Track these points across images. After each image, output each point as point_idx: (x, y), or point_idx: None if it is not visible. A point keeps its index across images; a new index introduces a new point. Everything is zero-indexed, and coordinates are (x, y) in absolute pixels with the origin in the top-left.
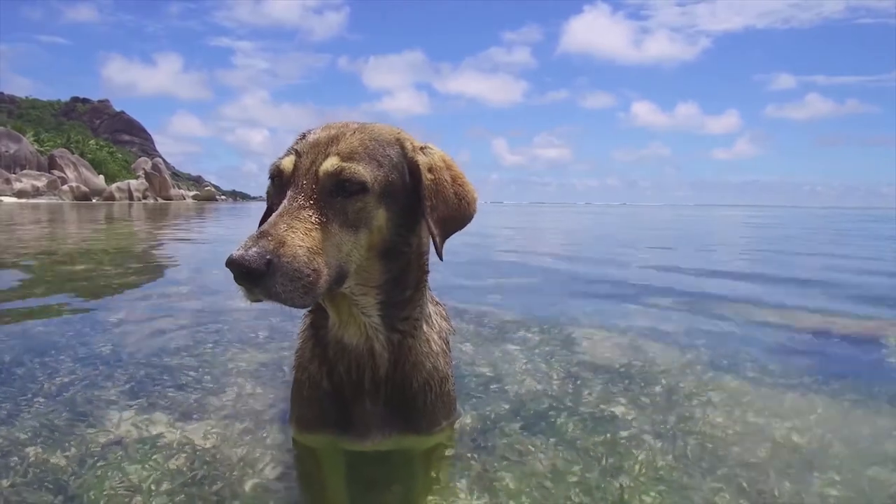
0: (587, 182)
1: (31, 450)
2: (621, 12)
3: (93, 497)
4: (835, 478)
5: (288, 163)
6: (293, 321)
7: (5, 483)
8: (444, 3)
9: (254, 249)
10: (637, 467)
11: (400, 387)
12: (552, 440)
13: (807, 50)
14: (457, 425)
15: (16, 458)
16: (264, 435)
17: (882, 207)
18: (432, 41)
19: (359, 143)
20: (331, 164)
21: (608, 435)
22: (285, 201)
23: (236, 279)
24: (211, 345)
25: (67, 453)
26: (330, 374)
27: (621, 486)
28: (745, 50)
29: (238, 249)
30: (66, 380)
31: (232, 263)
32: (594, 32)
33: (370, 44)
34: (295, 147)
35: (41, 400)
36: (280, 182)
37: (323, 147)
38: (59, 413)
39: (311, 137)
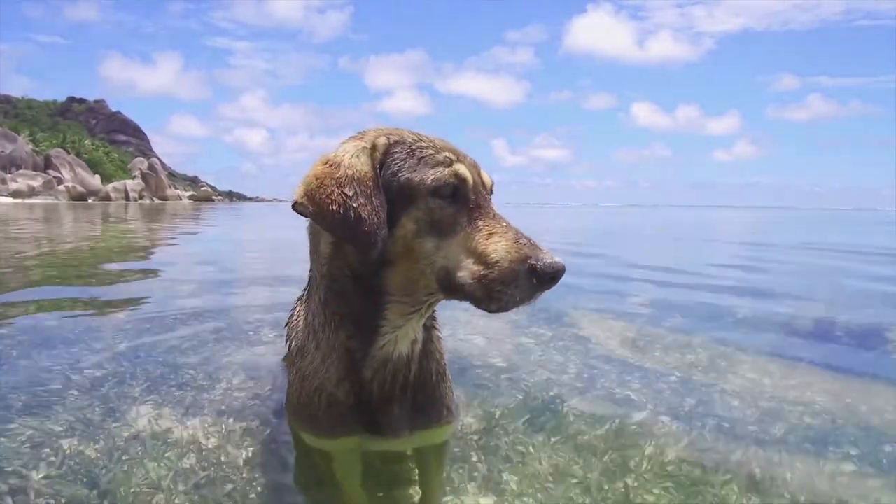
0: (586, 183)
1: (65, 442)
2: (624, 12)
3: (123, 493)
4: (851, 452)
5: (467, 173)
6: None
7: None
8: (450, 1)
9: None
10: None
11: (423, 383)
12: (561, 432)
13: (807, 52)
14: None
15: (48, 450)
16: (274, 431)
17: (878, 210)
18: (436, 40)
19: None
20: (489, 177)
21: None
22: (492, 213)
23: (554, 283)
24: (211, 343)
25: (98, 446)
26: (359, 393)
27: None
28: (746, 51)
29: (552, 259)
30: (78, 375)
31: (563, 269)
32: (597, 32)
33: (374, 43)
34: (452, 157)
35: (72, 394)
36: (462, 189)
37: (465, 155)
38: (86, 408)
39: (445, 145)
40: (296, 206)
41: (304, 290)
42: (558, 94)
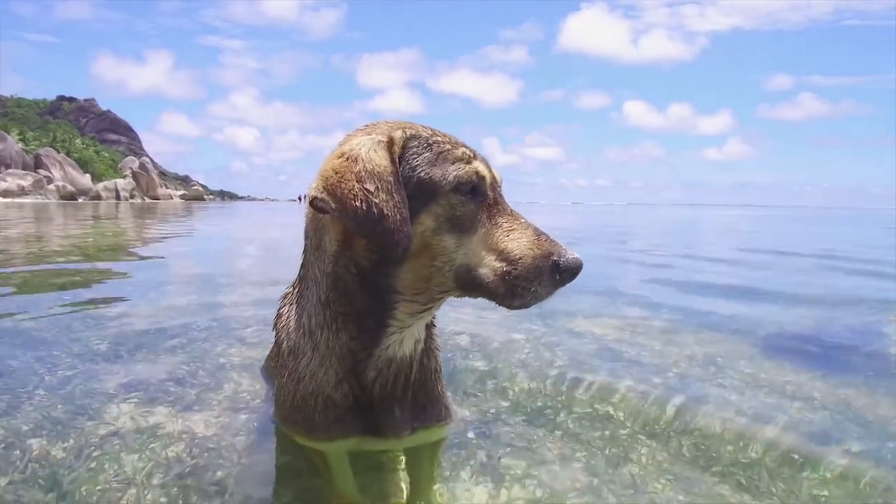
0: (578, 182)
1: (33, 442)
2: (618, 11)
3: (85, 491)
4: (830, 476)
5: (486, 170)
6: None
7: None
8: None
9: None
10: (643, 459)
11: (424, 382)
12: (556, 433)
13: (799, 51)
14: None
15: (17, 452)
16: (258, 427)
17: (863, 209)
18: (430, 38)
19: None
20: (498, 174)
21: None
22: (509, 209)
23: (574, 278)
24: (201, 340)
25: (66, 445)
26: (359, 395)
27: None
28: (738, 51)
29: (574, 255)
30: (64, 374)
31: (581, 265)
32: (591, 31)
33: (367, 41)
34: (470, 153)
35: (38, 393)
36: (482, 186)
37: (477, 151)
38: (56, 407)
39: (458, 140)
40: (315, 202)
41: (291, 288)
42: (551, 93)
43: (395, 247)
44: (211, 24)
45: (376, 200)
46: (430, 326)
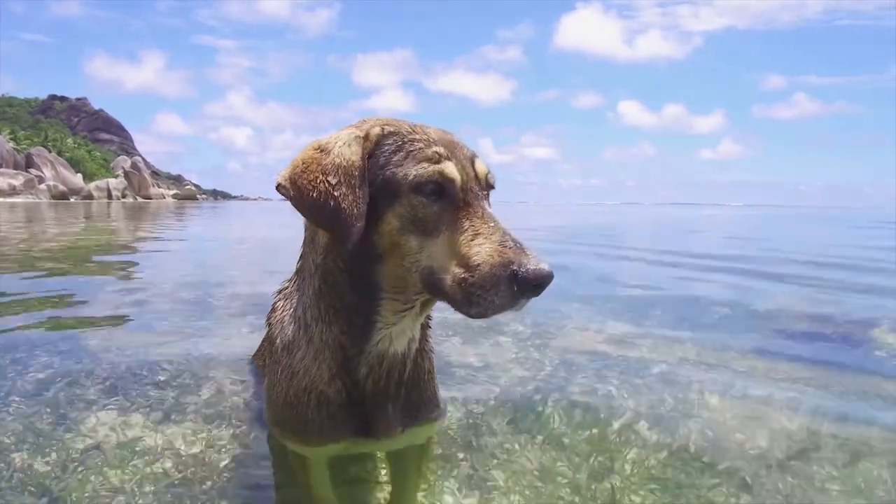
0: (573, 181)
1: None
2: (613, 11)
3: (75, 498)
4: (833, 473)
5: (455, 173)
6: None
7: None
8: None
9: (547, 262)
10: (631, 460)
11: (417, 381)
12: (544, 432)
13: (792, 51)
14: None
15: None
16: (246, 433)
17: (860, 208)
18: (427, 38)
19: None
20: (486, 167)
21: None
22: (480, 213)
23: (538, 290)
24: (195, 340)
25: (49, 457)
26: (350, 392)
27: (612, 479)
28: (732, 50)
29: (537, 266)
30: (44, 376)
31: (548, 276)
32: (586, 31)
33: (364, 41)
34: (442, 153)
35: (20, 399)
36: (449, 188)
37: (461, 148)
38: (40, 414)
39: (441, 138)
40: (278, 188)
41: (288, 282)
42: (547, 93)
43: (345, 239)
44: (205, 24)
45: (336, 193)
46: (425, 327)
